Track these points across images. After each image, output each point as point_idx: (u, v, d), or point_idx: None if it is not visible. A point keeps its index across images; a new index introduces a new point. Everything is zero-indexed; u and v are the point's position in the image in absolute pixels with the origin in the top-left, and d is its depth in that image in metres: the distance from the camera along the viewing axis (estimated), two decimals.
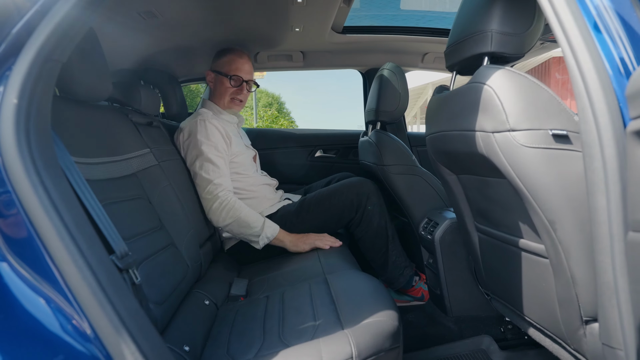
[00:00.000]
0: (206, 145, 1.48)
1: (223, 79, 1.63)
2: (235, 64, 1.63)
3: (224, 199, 1.43)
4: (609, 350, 0.67)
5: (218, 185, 1.45)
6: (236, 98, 1.66)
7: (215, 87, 1.65)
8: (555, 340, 0.95)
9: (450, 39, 1.03)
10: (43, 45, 0.58)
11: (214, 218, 1.45)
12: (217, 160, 1.48)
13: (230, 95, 1.64)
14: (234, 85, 1.63)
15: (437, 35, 1.94)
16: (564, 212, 0.77)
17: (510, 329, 1.34)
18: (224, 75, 1.62)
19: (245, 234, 1.45)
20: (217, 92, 1.65)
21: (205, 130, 1.50)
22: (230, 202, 1.43)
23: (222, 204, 1.43)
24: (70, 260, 0.55)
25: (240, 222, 1.42)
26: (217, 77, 1.64)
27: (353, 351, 0.77)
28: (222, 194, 1.44)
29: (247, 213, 1.43)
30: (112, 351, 0.55)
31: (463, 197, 1.17)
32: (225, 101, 1.65)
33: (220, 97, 1.65)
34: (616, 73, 0.61)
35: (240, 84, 1.64)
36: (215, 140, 1.51)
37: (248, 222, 1.42)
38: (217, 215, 1.43)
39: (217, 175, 1.46)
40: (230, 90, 1.63)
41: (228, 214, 1.42)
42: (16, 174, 0.55)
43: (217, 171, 1.47)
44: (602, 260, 0.64)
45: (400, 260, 1.59)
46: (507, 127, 0.79)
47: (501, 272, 1.10)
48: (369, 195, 1.54)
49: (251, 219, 1.43)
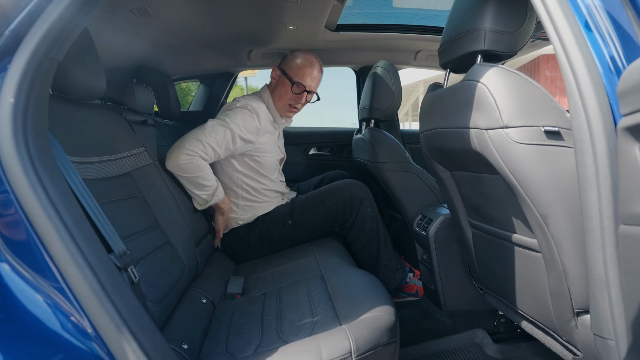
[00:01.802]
0: (224, 121, 1.41)
1: (286, 82, 1.55)
2: (303, 71, 1.55)
3: (194, 155, 1.33)
4: (600, 340, 0.69)
5: (197, 143, 1.34)
6: (293, 105, 1.59)
7: (277, 86, 1.58)
8: (547, 332, 0.97)
9: (444, 37, 1.04)
10: (39, 43, 0.58)
11: (171, 159, 1.33)
12: (222, 132, 1.39)
13: (288, 100, 1.57)
14: (295, 92, 1.55)
15: (430, 33, 1.95)
16: (556, 206, 0.78)
17: (504, 323, 1.37)
18: (289, 79, 1.55)
19: (192, 189, 1.39)
20: (277, 91, 1.58)
21: (242, 115, 1.44)
22: (197, 160, 1.34)
23: (191, 157, 1.33)
24: (70, 260, 0.55)
25: (193, 182, 1.36)
26: (281, 78, 1.57)
27: (352, 346, 0.78)
28: (196, 149, 1.34)
29: (205, 174, 1.37)
30: (114, 349, 0.55)
31: (457, 194, 1.18)
32: (282, 104, 1.58)
33: (279, 97, 1.58)
34: (607, 71, 0.63)
35: (302, 92, 1.57)
36: (245, 128, 1.43)
37: (199, 184, 1.37)
38: (174, 158, 1.32)
39: (204, 141, 1.36)
40: (290, 96, 1.56)
41: (186, 166, 1.33)
42: (14, 174, 0.55)
43: (211, 137, 1.37)
44: (593, 253, 0.66)
45: (391, 264, 1.59)
46: (500, 124, 0.81)
47: (494, 267, 1.11)
48: (362, 200, 1.54)
49: (204, 183, 1.38)
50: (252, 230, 1.55)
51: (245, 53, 2.04)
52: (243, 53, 2.04)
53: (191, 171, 1.35)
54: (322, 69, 1.61)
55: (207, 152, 1.38)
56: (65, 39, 0.63)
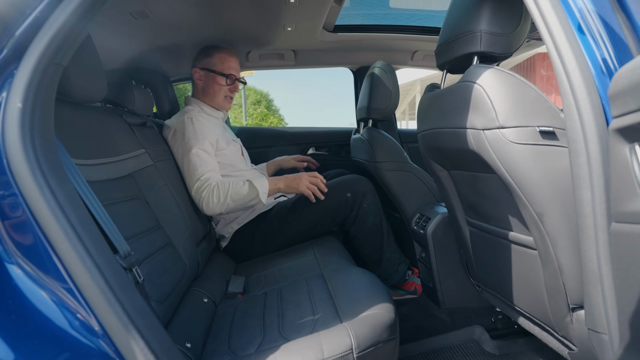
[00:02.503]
0: (193, 142, 1.47)
1: (217, 78, 1.63)
2: (228, 63, 1.64)
3: (209, 189, 1.42)
4: (594, 334, 0.71)
5: (205, 180, 1.44)
6: (229, 96, 1.68)
7: (207, 85, 1.64)
8: (543, 328, 0.99)
9: (441, 39, 1.06)
10: (45, 50, 0.59)
11: (209, 209, 1.43)
12: (204, 156, 1.47)
13: (224, 93, 1.65)
14: (229, 84, 1.64)
15: (427, 33, 1.97)
16: (551, 205, 0.80)
17: (501, 319, 1.39)
18: (219, 74, 1.62)
19: (246, 203, 1.46)
20: (209, 90, 1.64)
21: (192, 127, 1.50)
22: (215, 188, 1.42)
23: (210, 194, 1.42)
24: (78, 261, 0.56)
25: (234, 197, 1.43)
26: (208, 75, 1.63)
27: (353, 343, 0.79)
28: (207, 187, 1.43)
29: (233, 187, 1.43)
30: (122, 347, 0.57)
31: (454, 192, 1.20)
32: (219, 99, 1.65)
33: (213, 95, 1.65)
34: (599, 73, 0.65)
35: (234, 81, 1.66)
36: (203, 135, 1.50)
37: (240, 193, 1.43)
38: (211, 205, 1.42)
39: (205, 170, 1.45)
40: (225, 89, 1.65)
41: (219, 199, 1.41)
42: (23, 177, 0.56)
43: (205, 166, 1.46)
44: (587, 250, 0.68)
45: (394, 256, 1.62)
46: (496, 124, 0.82)
47: (492, 264, 1.13)
48: (365, 194, 1.56)
49: (240, 189, 1.44)
50: (256, 229, 1.56)
51: (243, 54, 2.05)
52: (241, 54, 2.05)
53: (223, 201, 1.42)
54: (237, 56, 1.72)
55: (212, 171, 1.46)
56: (70, 44, 0.64)
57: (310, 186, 1.50)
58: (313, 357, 0.78)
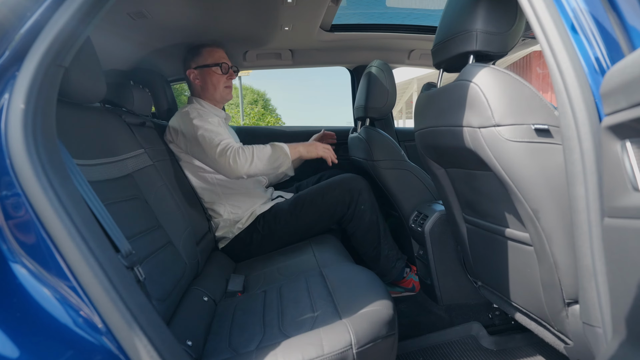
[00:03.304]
0: (200, 122, 1.49)
1: (211, 71, 1.64)
2: (217, 54, 1.66)
3: (232, 150, 1.44)
4: (588, 328, 0.73)
5: (226, 144, 1.45)
6: (228, 85, 1.69)
7: (205, 81, 1.65)
8: (540, 323, 1.01)
9: (437, 38, 1.07)
10: (47, 51, 0.60)
11: (237, 169, 1.43)
12: (216, 129, 1.49)
13: (223, 83, 1.66)
14: (225, 72, 1.65)
15: (423, 32, 1.98)
16: (546, 201, 0.82)
17: (498, 315, 1.40)
18: (213, 66, 1.63)
19: (272, 164, 1.47)
20: (208, 86, 1.65)
21: (197, 113, 1.53)
22: (236, 148, 1.44)
23: (234, 154, 1.43)
24: (81, 259, 0.57)
25: (260, 157, 1.45)
26: (203, 72, 1.64)
27: (352, 339, 0.81)
28: (230, 149, 1.44)
29: (256, 148, 1.46)
30: (125, 345, 0.58)
31: (451, 190, 1.22)
32: (220, 91, 1.66)
33: (213, 89, 1.65)
34: (592, 71, 0.66)
35: (228, 69, 1.67)
36: (210, 119, 1.53)
37: (265, 152, 1.46)
38: (239, 164, 1.43)
39: (222, 138, 1.47)
40: (223, 79, 1.65)
41: (246, 158, 1.43)
42: (26, 177, 0.56)
43: (219, 136, 1.47)
44: (581, 245, 0.69)
45: (392, 253, 1.64)
46: (492, 122, 0.84)
47: (489, 261, 1.15)
48: (361, 191, 1.58)
49: (263, 149, 1.47)
50: (254, 230, 1.57)
51: (240, 54, 2.06)
52: (238, 54, 2.06)
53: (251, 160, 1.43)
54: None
55: (229, 138, 1.48)
56: (72, 46, 0.64)
57: (325, 151, 1.56)
58: (313, 353, 0.79)
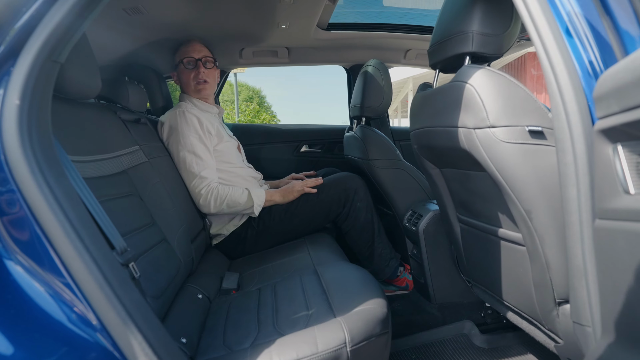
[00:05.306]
0: (188, 136, 1.50)
1: (180, 69, 1.65)
2: (185, 48, 1.65)
3: (208, 189, 1.48)
4: (579, 327, 0.74)
5: (203, 178, 1.48)
6: (199, 79, 1.63)
7: (181, 81, 1.67)
8: (531, 322, 1.02)
9: (433, 39, 1.08)
10: (42, 47, 0.59)
11: (204, 209, 1.51)
12: (201, 152, 1.50)
13: (193, 79, 1.63)
14: (188, 67, 1.63)
15: (419, 32, 1.99)
16: (539, 202, 0.83)
17: (490, 314, 1.42)
18: (179, 64, 1.64)
19: (239, 211, 1.52)
20: (184, 84, 1.67)
21: (185, 121, 1.52)
22: (214, 190, 1.48)
23: (208, 194, 1.48)
24: (76, 256, 0.57)
25: (230, 204, 1.49)
26: (177, 70, 1.67)
27: (346, 337, 0.81)
28: (206, 186, 1.48)
29: (232, 194, 1.50)
30: (120, 342, 0.58)
31: (446, 190, 1.22)
32: (192, 88, 1.65)
33: (187, 87, 1.66)
34: (585, 74, 0.67)
35: (195, 63, 1.63)
36: (196, 129, 1.52)
37: (237, 201, 1.49)
38: (207, 205, 1.49)
39: (202, 168, 1.49)
40: (191, 75, 1.63)
41: (216, 202, 1.48)
42: (21, 174, 0.56)
43: (201, 164, 1.50)
44: (573, 246, 0.70)
45: (386, 252, 1.65)
46: (487, 123, 0.85)
47: (482, 260, 1.16)
48: (357, 190, 1.59)
49: (238, 197, 1.50)
50: (249, 227, 1.57)
51: (236, 51, 2.05)
52: (235, 51, 2.05)
53: (219, 204, 1.49)
54: (201, 42, 1.68)
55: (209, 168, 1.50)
56: (68, 41, 0.64)
57: (303, 188, 1.57)
58: (308, 351, 0.79)
